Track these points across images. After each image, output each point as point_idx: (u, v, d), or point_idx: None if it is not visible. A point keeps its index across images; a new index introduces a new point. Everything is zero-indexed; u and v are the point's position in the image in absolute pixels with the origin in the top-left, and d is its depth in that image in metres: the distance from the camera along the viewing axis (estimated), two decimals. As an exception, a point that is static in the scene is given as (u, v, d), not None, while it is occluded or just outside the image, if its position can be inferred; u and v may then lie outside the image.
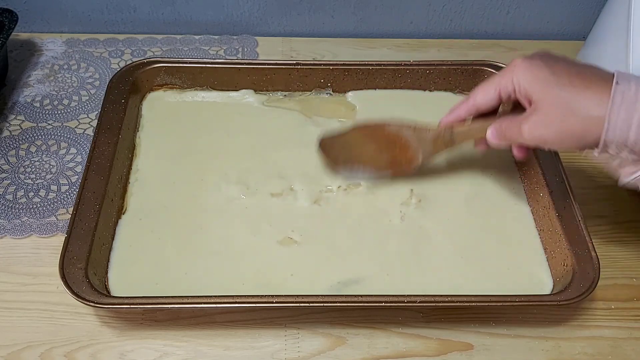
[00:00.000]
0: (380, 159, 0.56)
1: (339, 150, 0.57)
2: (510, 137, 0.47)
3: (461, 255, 0.53)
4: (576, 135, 0.42)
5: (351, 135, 0.56)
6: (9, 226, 0.55)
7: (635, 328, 0.51)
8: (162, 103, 0.64)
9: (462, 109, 0.51)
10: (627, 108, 0.40)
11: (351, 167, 0.57)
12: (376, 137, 0.55)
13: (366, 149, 0.56)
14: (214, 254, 0.52)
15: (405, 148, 0.55)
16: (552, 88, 0.43)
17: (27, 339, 0.48)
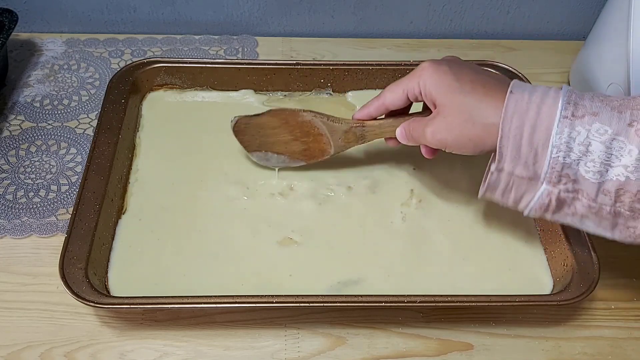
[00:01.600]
0: (294, 148, 0.57)
1: (253, 134, 0.57)
2: (417, 137, 0.48)
3: (461, 256, 0.53)
4: (474, 140, 0.43)
5: (266, 119, 0.56)
6: (9, 226, 0.55)
7: (635, 328, 0.51)
8: (162, 103, 0.64)
9: (372, 107, 0.52)
10: (520, 116, 0.40)
11: (265, 154, 0.58)
12: (290, 124, 0.56)
13: (280, 136, 0.56)
14: (213, 254, 0.52)
15: (318, 138, 0.56)
16: (455, 94, 0.44)
17: (27, 339, 0.48)
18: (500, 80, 0.45)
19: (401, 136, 0.50)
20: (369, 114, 0.53)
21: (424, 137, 0.47)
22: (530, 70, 0.66)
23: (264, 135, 0.57)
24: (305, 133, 0.56)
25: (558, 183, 0.41)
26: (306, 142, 0.56)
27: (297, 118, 0.55)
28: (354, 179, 0.58)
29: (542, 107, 0.40)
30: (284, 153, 0.57)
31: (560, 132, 0.39)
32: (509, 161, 0.42)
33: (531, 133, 0.40)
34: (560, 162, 0.40)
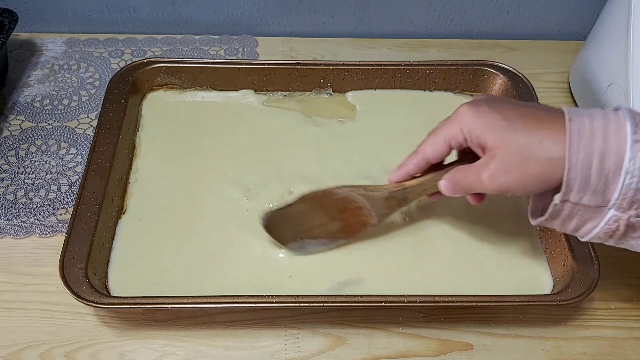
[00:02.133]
0: (331, 228, 0.52)
1: (286, 227, 0.52)
2: (469, 187, 0.45)
3: (461, 256, 0.53)
4: (538, 178, 0.41)
5: (297, 207, 0.52)
6: (9, 226, 0.55)
7: (635, 328, 0.51)
8: (162, 103, 0.64)
9: (411, 165, 0.48)
10: (586, 145, 0.38)
11: (302, 242, 0.52)
12: (324, 205, 0.51)
13: (315, 220, 0.52)
14: (213, 255, 0.52)
15: (358, 212, 0.51)
16: (506, 133, 0.41)
17: (27, 339, 0.48)
18: (548, 109, 0.42)
19: (447, 189, 0.47)
20: (408, 173, 0.49)
21: (480, 184, 0.43)
22: (530, 70, 0.66)
23: (298, 225, 0.52)
24: (342, 210, 0.51)
25: (629, 209, 0.39)
26: (345, 218, 0.52)
27: (332, 197, 0.51)
28: (354, 179, 0.58)
29: (608, 133, 0.38)
30: (321, 236, 0.52)
31: (633, 157, 0.37)
32: (576, 192, 0.39)
33: (601, 161, 0.38)
34: (634, 187, 0.38)
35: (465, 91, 0.67)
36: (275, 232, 0.52)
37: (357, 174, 0.58)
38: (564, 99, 0.70)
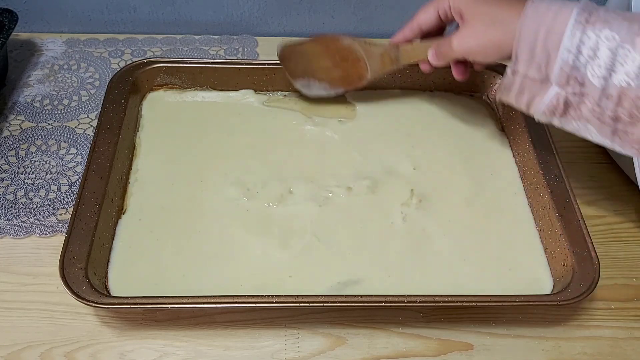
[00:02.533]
0: (334, 74, 0.60)
1: (297, 61, 0.60)
2: (445, 53, 0.52)
3: (461, 256, 0.53)
4: (496, 44, 0.47)
5: (309, 45, 0.60)
6: (9, 226, 0.55)
7: (635, 328, 0.51)
8: (162, 103, 0.64)
9: (407, 29, 0.55)
10: (536, 20, 0.43)
11: (308, 80, 0.61)
12: (331, 49, 0.59)
13: (322, 62, 0.60)
14: (213, 255, 0.52)
15: (356, 63, 0.59)
16: (479, 4, 0.48)
17: (27, 339, 0.48)
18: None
19: (432, 56, 0.53)
20: (403, 36, 0.56)
21: (451, 50, 0.50)
22: (530, 70, 0.66)
23: (307, 62, 0.60)
24: (344, 58, 0.59)
25: (567, 85, 0.43)
26: (345, 67, 0.59)
27: (337, 43, 0.58)
28: (354, 179, 0.58)
29: (559, 14, 0.43)
30: (325, 80, 0.60)
31: (572, 36, 0.42)
32: (523, 63, 0.45)
33: (546, 36, 0.43)
34: (570, 64, 0.42)
35: (465, 91, 0.67)
36: (287, 65, 0.61)
37: (357, 173, 0.59)
38: (564, 99, 0.70)
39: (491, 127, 0.64)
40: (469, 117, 0.65)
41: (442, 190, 0.58)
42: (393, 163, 0.60)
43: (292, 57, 0.60)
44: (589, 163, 0.64)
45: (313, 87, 0.61)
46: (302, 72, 0.61)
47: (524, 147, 0.59)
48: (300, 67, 0.61)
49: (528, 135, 0.59)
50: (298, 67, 0.61)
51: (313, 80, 0.61)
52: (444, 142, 0.62)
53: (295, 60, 0.60)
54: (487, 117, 0.65)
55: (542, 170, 0.56)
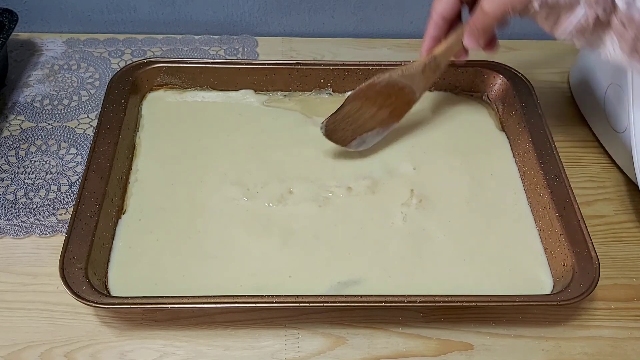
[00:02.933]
0: (382, 115, 0.58)
1: (344, 127, 0.57)
2: (482, 25, 0.49)
3: (461, 256, 0.53)
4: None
5: (348, 108, 0.56)
6: (9, 226, 0.55)
7: (635, 328, 0.51)
8: (162, 103, 0.64)
9: (431, 29, 0.53)
10: None
11: (360, 138, 0.58)
12: (371, 98, 0.56)
13: (366, 113, 0.57)
14: (212, 255, 0.52)
15: (401, 92, 0.56)
16: None
17: (27, 339, 0.48)
18: None
19: (470, 39, 0.51)
20: (431, 37, 0.53)
21: (486, 17, 0.48)
22: (530, 70, 0.66)
23: (353, 122, 0.57)
24: (388, 96, 0.56)
25: (596, 4, 0.43)
26: (391, 103, 0.57)
27: (376, 88, 0.56)
28: (354, 179, 0.58)
29: None
30: (375, 126, 0.58)
31: None
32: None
33: None
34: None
35: (465, 91, 0.67)
36: (337, 138, 0.58)
37: (357, 173, 0.59)
38: (564, 99, 0.70)
39: (491, 127, 0.64)
40: (469, 117, 0.65)
41: (442, 190, 0.58)
42: (393, 163, 0.60)
43: (338, 128, 0.57)
44: (589, 163, 0.64)
45: (367, 139, 0.58)
46: (352, 134, 0.58)
47: (524, 147, 0.59)
48: (349, 131, 0.57)
49: (528, 135, 0.59)
50: (347, 132, 0.57)
51: (365, 135, 0.58)
52: (444, 142, 0.62)
53: (342, 128, 0.57)
54: (487, 117, 0.65)
55: (542, 170, 0.56)
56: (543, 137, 0.59)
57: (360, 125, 0.57)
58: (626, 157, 0.59)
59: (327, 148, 0.61)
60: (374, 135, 0.58)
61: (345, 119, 0.56)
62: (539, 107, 0.61)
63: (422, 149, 0.61)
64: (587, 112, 0.67)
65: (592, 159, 0.64)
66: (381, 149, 0.61)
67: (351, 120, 0.57)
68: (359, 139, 0.58)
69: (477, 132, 0.63)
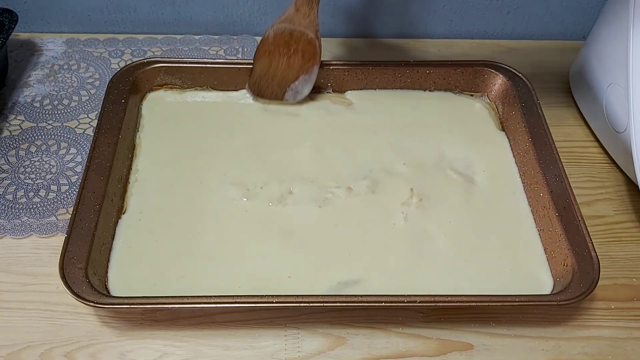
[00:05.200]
0: (296, 63, 0.60)
1: (268, 85, 0.61)
2: None
3: (461, 256, 0.53)
4: None
5: (258, 66, 0.61)
6: (9, 226, 0.55)
7: (635, 328, 0.51)
8: (162, 103, 0.64)
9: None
10: None
11: (291, 89, 0.61)
12: (273, 51, 0.60)
13: (281, 65, 0.60)
14: (212, 256, 0.52)
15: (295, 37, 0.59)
16: None
17: (27, 339, 0.48)
18: None
19: None
20: None
21: None
22: (530, 70, 0.66)
23: (273, 78, 0.61)
24: (285, 44, 0.59)
25: None
26: (296, 49, 0.59)
27: (269, 42, 0.59)
28: (354, 179, 0.58)
29: None
30: (298, 75, 0.61)
31: None
32: None
33: None
34: None
35: (465, 91, 0.67)
36: (266, 95, 0.62)
37: (356, 173, 0.59)
38: (564, 99, 0.70)
39: (491, 127, 0.64)
40: (469, 117, 0.65)
41: (442, 190, 0.58)
42: (393, 163, 0.60)
43: (262, 87, 0.62)
44: (589, 163, 0.64)
45: (299, 88, 0.61)
46: (279, 88, 0.62)
47: (524, 147, 0.59)
48: (275, 87, 0.61)
49: (528, 135, 0.59)
50: (274, 88, 0.62)
51: (293, 85, 0.61)
52: (444, 142, 0.62)
53: (266, 86, 0.61)
54: (487, 117, 0.65)
55: (542, 170, 0.56)
56: (543, 137, 0.59)
57: (283, 78, 0.61)
58: (626, 157, 0.59)
59: (327, 148, 0.61)
60: (303, 83, 0.61)
61: (262, 77, 0.60)
62: (539, 107, 0.61)
63: (422, 149, 0.61)
64: (587, 112, 0.67)
65: (592, 159, 0.64)
66: (381, 148, 0.61)
67: (270, 77, 0.60)
68: (289, 90, 0.61)
69: (477, 132, 0.63)
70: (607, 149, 0.64)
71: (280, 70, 0.60)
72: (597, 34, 0.65)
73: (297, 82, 0.61)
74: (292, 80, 0.61)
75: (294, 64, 0.60)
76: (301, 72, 0.61)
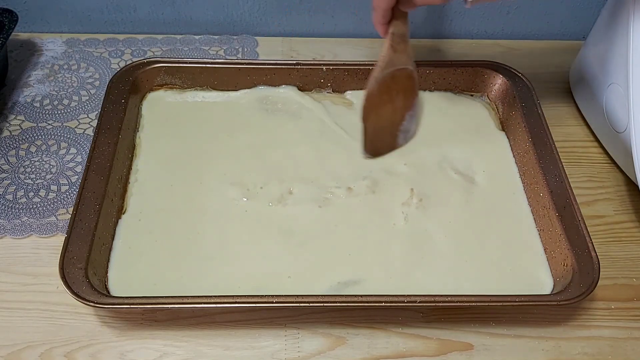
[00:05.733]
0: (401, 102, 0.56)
1: (380, 139, 0.56)
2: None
3: (461, 256, 0.53)
4: None
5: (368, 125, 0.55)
6: (9, 226, 0.55)
7: (635, 328, 0.51)
8: (162, 103, 0.64)
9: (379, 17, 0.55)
10: None
11: (401, 132, 0.56)
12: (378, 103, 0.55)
13: (387, 113, 0.55)
14: (212, 256, 0.52)
15: (395, 78, 0.55)
16: None
17: (27, 339, 0.48)
18: None
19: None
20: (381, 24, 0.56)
21: None
22: (530, 70, 0.66)
23: (383, 130, 0.56)
24: (387, 90, 0.55)
25: None
26: (397, 90, 0.55)
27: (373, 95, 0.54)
28: (354, 179, 0.58)
29: None
30: (404, 115, 0.56)
31: None
32: None
33: None
34: None
35: (465, 91, 0.67)
36: (383, 151, 0.56)
37: (356, 173, 0.59)
38: (564, 99, 0.70)
39: (491, 127, 0.64)
40: (469, 117, 0.65)
41: (442, 190, 0.58)
42: (393, 163, 0.60)
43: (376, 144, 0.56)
44: (589, 163, 0.64)
45: (408, 127, 0.57)
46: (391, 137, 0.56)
47: (524, 147, 0.59)
48: (387, 136, 0.56)
49: (528, 135, 0.59)
50: (386, 139, 0.56)
51: (402, 127, 0.56)
52: (444, 142, 0.62)
53: (379, 140, 0.56)
54: (487, 117, 0.65)
55: (542, 170, 0.56)
56: (543, 137, 0.59)
57: (391, 125, 0.56)
58: (626, 157, 0.59)
59: (327, 148, 0.61)
60: (410, 120, 0.56)
61: (374, 134, 0.55)
62: (539, 107, 0.61)
63: (422, 149, 0.61)
64: (587, 112, 0.67)
65: (592, 159, 0.64)
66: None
67: (380, 130, 0.55)
68: (400, 134, 0.56)
69: (477, 132, 0.63)
70: (607, 149, 0.64)
71: (387, 118, 0.55)
72: (597, 34, 0.65)
73: (404, 123, 0.56)
74: (401, 122, 0.56)
75: (398, 105, 0.55)
76: (406, 110, 0.56)
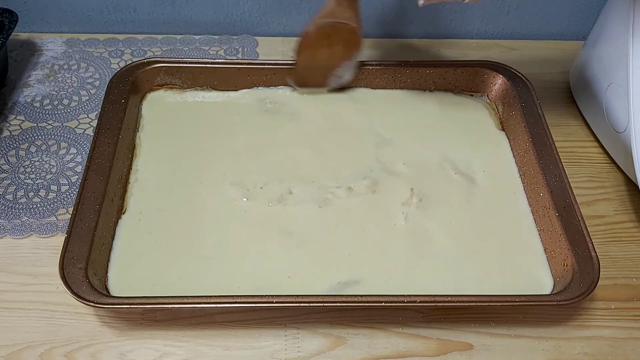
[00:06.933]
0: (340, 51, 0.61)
1: (311, 75, 0.62)
2: None
3: (461, 256, 0.53)
4: None
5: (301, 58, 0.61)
6: (9, 226, 0.55)
7: (635, 328, 0.51)
8: (162, 103, 0.64)
9: None
10: None
11: (334, 76, 0.63)
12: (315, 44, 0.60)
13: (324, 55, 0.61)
14: (212, 256, 0.52)
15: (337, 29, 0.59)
16: None
17: (27, 339, 0.48)
18: None
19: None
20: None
21: None
22: (530, 70, 0.66)
23: (316, 68, 0.62)
24: (327, 36, 0.59)
25: None
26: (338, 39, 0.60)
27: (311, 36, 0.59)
28: (354, 179, 0.58)
29: None
30: (341, 62, 0.62)
31: None
32: None
33: None
34: None
35: (465, 91, 0.67)
36: (310, 84, 0.63)
37: (356, 173, 0.59)
38: (564, 99, 0.70)
39: (491, 127, 0.64)
40: (469, 117, 0.65)
41: (442, 190, 0.58)
42: (393, 163, 0.60)
43: (305, 77, 0.63)
44: (589, 163, 0.64)
45: (342, 74, 0.63)
46: (322, 77, 0.63)
47: (524, 147, 0.59)
48: (319, 76, 0.62)
49: (528, 135, 0.59)
50: (317, 77, 0.63)
51: (335, 71, 0.62)
52: (444, 142, 0.62)
53: (309, 75, 0.63)
54: (487, 117, 0.65)
55: (542, 170, 0.56)
56: (543, 137, 0.59)
57: (326, 67, 0.62)
58: (626, 157, 0.59)
59: (327, 148, 0.61)
60: (346, 68, 0.62)
61: (306, 68, 0.61)
62: (539, 107, 0.61)
63: (422, 149, 0.61)
64: (587, 112, 0.67)
65: (592, 159, 0.64)
66: (381, 148, 0.61)
67: (313, 67, 0.61)
68: (332, 77, 0.62)
69: (477, 132, 0.63)
70: (607, 149, 0.64)
71: (323, 61, 0.62)
72: (597, 34, 0.65)
73: (339, 69, 0.62)
74: (336, 67, 0.62)
75: (336, 53, 0.61)
76: (343, 59, 0.62)
